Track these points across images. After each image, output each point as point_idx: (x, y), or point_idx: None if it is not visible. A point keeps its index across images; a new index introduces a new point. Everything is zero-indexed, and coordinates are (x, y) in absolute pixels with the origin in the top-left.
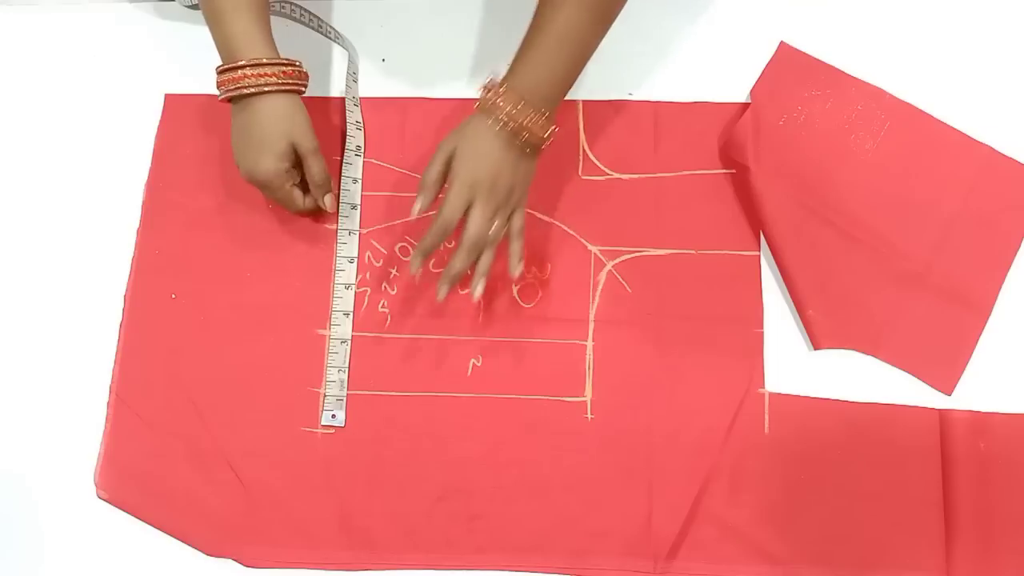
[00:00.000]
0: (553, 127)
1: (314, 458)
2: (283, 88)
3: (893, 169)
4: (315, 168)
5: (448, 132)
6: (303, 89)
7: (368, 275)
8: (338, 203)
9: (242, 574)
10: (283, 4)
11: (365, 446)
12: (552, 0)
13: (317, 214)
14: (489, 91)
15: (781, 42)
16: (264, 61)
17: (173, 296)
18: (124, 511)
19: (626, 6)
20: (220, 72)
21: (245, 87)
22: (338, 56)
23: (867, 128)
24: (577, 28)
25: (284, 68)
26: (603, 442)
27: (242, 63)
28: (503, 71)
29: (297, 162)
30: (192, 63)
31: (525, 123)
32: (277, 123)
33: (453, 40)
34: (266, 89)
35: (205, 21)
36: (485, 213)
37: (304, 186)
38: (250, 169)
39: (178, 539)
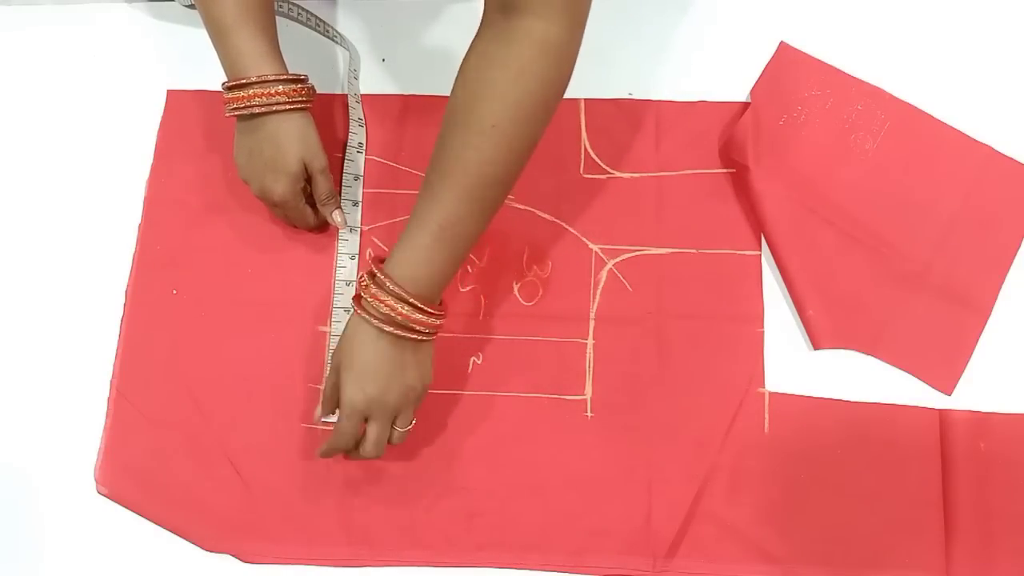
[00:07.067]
0: (438, 319)
1: (314, 455)
2: (293, 107)
3: (893, 169)
4: (323, 186)
5: None
6: (310, 105)
7: None
8: (344, 220)
9: (241, 570)
10: (284, 4)
11: None
12: (431, 191)
13: (322, 230)
14: (366, 288)
15: (781, 42)
16: (271, 78)
17: (174, 292)
18: (124, 507)
19: (626, 7)
20: (227, 89)
21: (255, 106)
22: (339, 54)
23: (867, 128)
24: (456, 219)
25: (294, 86)
26: (603, 440)
27: (251, 80)
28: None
29: (307, 179)
30: (192, 62)
31: (408, 322)
32: (291, 145)
33: (453, 40)
34: (275, 108)
35: (207, 32)
36: (382, 429)
37: (309, 201)
38: (265, 189)
39: (178, 535)
